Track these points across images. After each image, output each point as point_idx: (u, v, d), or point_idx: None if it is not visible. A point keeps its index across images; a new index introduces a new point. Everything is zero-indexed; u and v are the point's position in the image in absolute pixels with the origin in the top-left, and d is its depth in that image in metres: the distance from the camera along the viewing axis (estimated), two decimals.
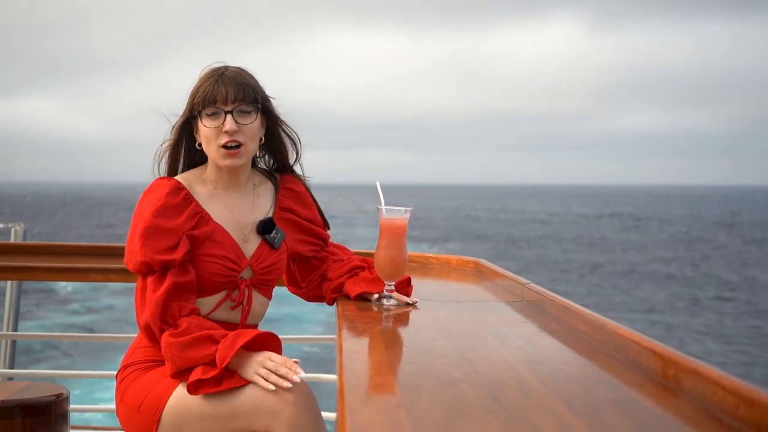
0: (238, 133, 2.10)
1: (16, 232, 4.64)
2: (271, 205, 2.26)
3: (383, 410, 1.17)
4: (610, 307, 22.13)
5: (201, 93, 2.10)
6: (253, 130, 2.13)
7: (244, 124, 2.11)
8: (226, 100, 2.09)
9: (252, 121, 2.13)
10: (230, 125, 2.08)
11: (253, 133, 2.14)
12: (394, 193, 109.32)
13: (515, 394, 1.26)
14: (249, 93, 2.12)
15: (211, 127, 2.10)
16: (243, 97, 2.10)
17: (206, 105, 2.09)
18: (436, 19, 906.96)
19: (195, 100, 2.12)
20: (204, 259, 2.08)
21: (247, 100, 2.11)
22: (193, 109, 2.12)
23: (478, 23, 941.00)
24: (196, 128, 2.15)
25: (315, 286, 2.35)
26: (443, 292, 2.49)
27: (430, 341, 1.69)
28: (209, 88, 2.09)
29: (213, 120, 2.10)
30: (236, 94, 2.09)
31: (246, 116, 2.12)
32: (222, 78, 2.10)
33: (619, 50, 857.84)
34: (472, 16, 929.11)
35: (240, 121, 2.10)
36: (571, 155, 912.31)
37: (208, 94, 2.09)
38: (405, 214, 2.18)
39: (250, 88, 2.12)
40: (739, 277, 30.35)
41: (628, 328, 1.53)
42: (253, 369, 1.90)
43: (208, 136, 2.11)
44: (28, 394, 2.53)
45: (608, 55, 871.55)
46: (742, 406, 1.10)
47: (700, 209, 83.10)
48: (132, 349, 2.16)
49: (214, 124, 2.09)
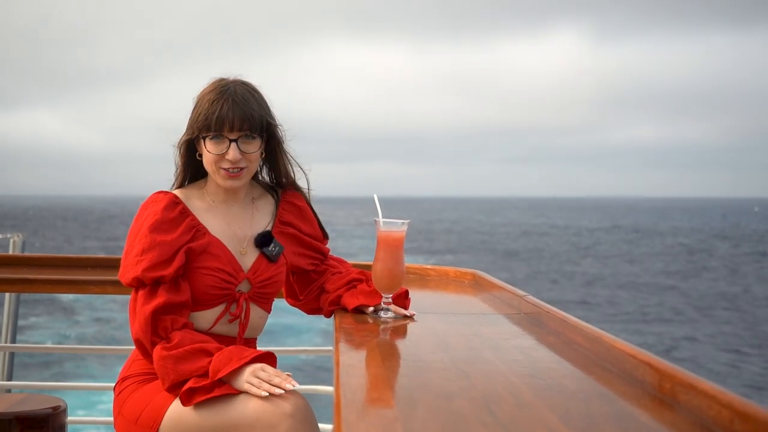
0: (241, 161, 2.09)
1: (15, 244, 4.64)
2: (271, 218, 2.26)
3: (379, 424, 1.17)
4: (606, 319, 22.11)
5: (204, 115, 2.05)
6: (255, 156, 2.13)
7: (248, 152, 2.09)
8: (232, 128, 2.05)
9: (256, 149, 2.11)
10: (234, 155, 2.06)
11: (256, 159, 2.14)
12: (396, 205, 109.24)
13: (511, 407, 1.26)
14: (255, 120, 2.07)
15: (214, 153, 2.08)
16: (249, 126, 2.06)
17: (210, 129, 2.06)
18: (440, 32, 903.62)
19: (198, 122, 2.07)
20: (200, 272, 2.08)
21: (252, 129, 2.08)
22: (196, 131, 2.09)
23: (482, 36, 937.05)
24: (198, 143, 2.13)
25: (313, 299, 2.35)
26: (441, 304, 2.49)
27: (427, 354, 1.69)
28: (215, 112, 2.04)
29: (216, 146, 2.07)
30: (242, 123, 2.05)
31: (250, 144, 2.09)
32: (228, 102, 2.04)
33: (621, 63, 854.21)
34: (476, 29, 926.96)
35: (244, 149, 2.08)
36: (573, 167, 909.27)
37: (212, 120, 2.04)
38: (402, 227, 2.18)
39: (257, 115, 2.08)
40: (739, 288, 30.40)
41: (625, 342, 1.53)
42: (245, 378, 1.89)
43: (209, 160, 2.09)
44: (26, 406, 2.53)
45: (610, 68, 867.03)
46: (737, 420, 1.11)
47: (703, 221, 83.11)
48: (130, 362, 2.16)
49: (217, 150, 2.07)
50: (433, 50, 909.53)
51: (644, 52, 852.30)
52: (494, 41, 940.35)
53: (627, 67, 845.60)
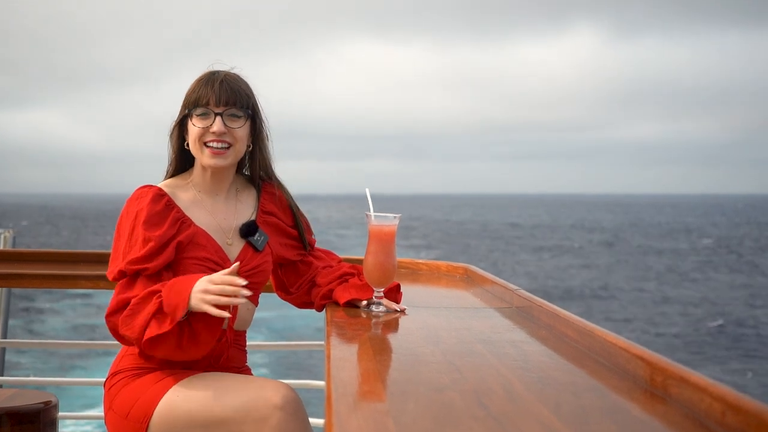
0: (226, 135, 2.11)
1: (5, 239, 4.62)
2: (254, 209, 2.26)
3: (371, 417, 1.16)
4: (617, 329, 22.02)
5: (194, 93, 2.12)
6: (241, 134, 2.14)
7: (233, 127, 2.12)
8: (218, 102, 2.10)
9: (241, 125, 2.14)
10: (218, 127, 2.10)
11: (241, 137, 2.15)
12: (405, 201, 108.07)
13: (503, 400, 1.26)
14: (241, 98, 2.13)
15: (200, 127, 2.11)
16: (234, 101, 2.12)
17: (197, 105, 2.11)
18: (455, 32, 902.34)
19: (187, 99, 2.14)
20: (187, 262, 2.08)
21: (238, 105, 2.12)
22: (185, 109, 2.14)
23: (500, 34, 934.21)
24: (186, 128, 2.16)
25: (304, 292, 2.34)
26: (432, 299, 2.49)
27: (418, 348, 1.69)
28: (202, 89, 2.11)
29: (202, 120, 2.11)
30: (228, 97, 2.11)
31: (235, 120, 2.13)
32: (216, 80, 2.12)
33: (637, 60, 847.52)
34: (494, 28, 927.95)
35: (229, 124, 2.12)
36: (587, 163, 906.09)
37: (200, 95, 2.11)
38: (394, 221, 2.18)
39: (243, 94, 2.14)
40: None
41: (616, 335, 1.53)
42: (197, 302, 1.86)
43: (195, 135, 2.12)
44: (17, 401, 2.52)
45: (627, 65, 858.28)
46: (729, 413, 1.11)
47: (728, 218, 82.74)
48: (120, 357, 2.15)
49: (203, 124, 2.11)
50: (451, 48, 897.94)
51: (661, 48, 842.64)
52: (512, 40, 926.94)
53: (643, 63, 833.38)
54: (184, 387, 1.98)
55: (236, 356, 2.20)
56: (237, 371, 2.18)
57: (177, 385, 1.99)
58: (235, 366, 2.19)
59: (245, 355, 2.26)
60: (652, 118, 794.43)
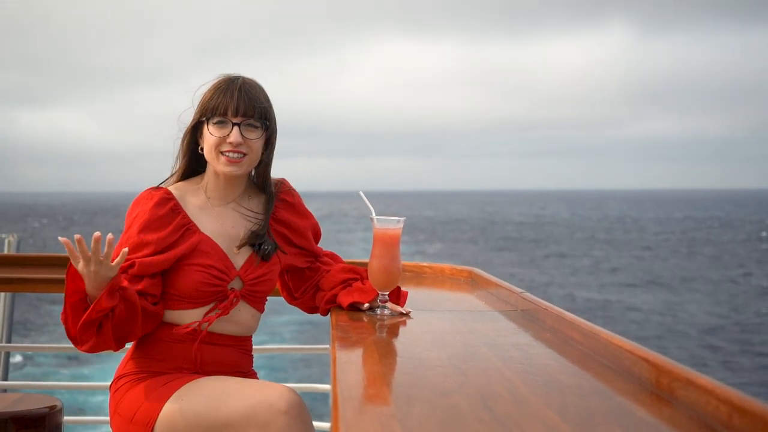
0: (242, 146, 2.10)
1: (10, 243, 4.63)
2: (264, 217, 2.25)
3: (377, 421, 1.16)
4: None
5: (212, 100, 2.10)
6: (257, 145, 2.14)
7: (250, 138, 2.11)
8: (236, 112, 2.09)
9: (257, 137, 2.13)
10: (235, 137, 2.09)
11: (257, 148, 2.14)
12: (432, 198, 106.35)
13: (508, 404, 1.26)
14: (259, 109, 2.12)
15: (217, 136, 2.10)
16: (252, 113, 2.10)
17: (215, 113, 2.10)
18: (485, 31, 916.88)
19: (204, 106, 2.12)
20: (191, 269, 2.08)
21: (256, 116, 2.11)
22: (202, 115, 2.13)
23: (528, 33, 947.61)
24: (201, 133, 2.15)
25: (310, 297, 2.34)
26: (437, 302, 2.48)
27: (423, 351, 1.69)
28: (221, 97, 2.10)
29: (219, 129, 2.10)
30: (246, 108, 2.10)
31: (252, 131, 2.12)
32: (234, 89, 2.10)
33: (667, 57, 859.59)
34: (523, 28, 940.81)
35: (246, 135, 2.11)
36: (611, 159, 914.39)
37: (218, 103, 2.09)
38: (398, 225, 2.18)
39: (262, 106, 2.13)
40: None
41: (622, 337, 1.53)
42: (101, 278, 1.87)
43: (211, 144, 2.11)
44: (22, 406, 2.52)
45: (656, 61, 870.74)
46: (735, 415, 1.10)
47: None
48: (126, 360, 2.15)
49: (220, 133, 2.10)
50: (481, 47, 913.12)
51: (690, 45, 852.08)
52: (541, 38, 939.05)
53: (673, 60, 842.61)
54: (188, 390, 1.98)
55: (242, 360, 2.20)
56: (243, 375, 2.18)
57: (182, 389, 1.99)
58: (240, 370, 2.19)
59: (251, 359, 2.26)
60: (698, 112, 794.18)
